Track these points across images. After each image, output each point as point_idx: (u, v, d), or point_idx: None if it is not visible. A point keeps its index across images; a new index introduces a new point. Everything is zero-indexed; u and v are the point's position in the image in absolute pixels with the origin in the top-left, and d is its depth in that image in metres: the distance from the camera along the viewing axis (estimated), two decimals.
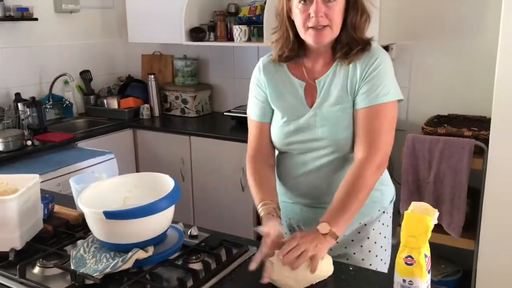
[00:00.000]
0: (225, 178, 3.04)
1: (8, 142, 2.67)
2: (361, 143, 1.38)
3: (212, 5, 3.38)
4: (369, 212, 1.50)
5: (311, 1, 1.32)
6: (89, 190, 1.34)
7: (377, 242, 1.54)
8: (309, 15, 1.33)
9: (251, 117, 1.57)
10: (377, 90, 1.36)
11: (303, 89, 1.46)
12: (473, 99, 2.76)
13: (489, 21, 2.65)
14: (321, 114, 1.43)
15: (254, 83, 1.56)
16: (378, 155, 1.35)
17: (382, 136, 1.36)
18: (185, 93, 3.53)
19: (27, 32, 3.27)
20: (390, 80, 1.39)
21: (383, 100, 1.36)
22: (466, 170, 2.34)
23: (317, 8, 1.31)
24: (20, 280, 1.25)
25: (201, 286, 1.21)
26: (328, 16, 1.33)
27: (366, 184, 1.34)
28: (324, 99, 1.43)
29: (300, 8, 1.35)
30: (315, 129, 1.44)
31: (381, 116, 1.36)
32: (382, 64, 1.38)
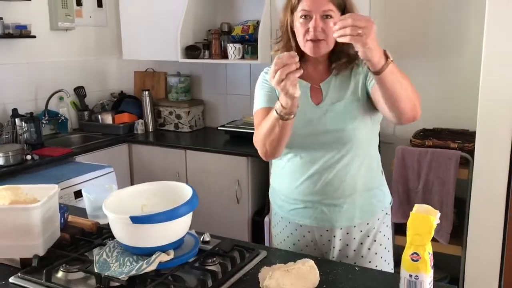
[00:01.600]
0: (221, 191, 3.12)
1: (9, 157, 2.71)
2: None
3: (206, 24, 3.50)
4: (375, 211, 1.61)
5: (311, 17, 1.46)
6: (111, 197, 1.41)
7: (382, 244, 1.63)
8: (308, 30, 1.47)
9: (258, 107, 1.61)
10: None
11: (309, 89, 1.58)
12: (457, 113, 2.92)
13: (471, 40, 2.82)
14: (330, 109, 1.54)
15: (261, 83, 1.65)
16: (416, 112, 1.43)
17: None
18: (179, 108, 3.62)
19: (24, 49, 3.34)
20: None
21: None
22: (453, 179, 2.48)
23: (316, 23, 1.45)
24: (46, 284, 1.31)
25: (220, 286, 1.29)
26: (324, 31, 1.45)
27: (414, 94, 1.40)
28: (331, 99, 1.55)
29: (301, 23, 1.48)
30: (324, 121, 1.53)
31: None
32: None
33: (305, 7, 1.46)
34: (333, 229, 1.60)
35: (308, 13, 1.46)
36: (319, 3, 1.44)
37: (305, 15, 1.46)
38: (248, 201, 3.09)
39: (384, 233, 1.64)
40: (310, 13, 1.45)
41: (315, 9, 1.45)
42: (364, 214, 1.59)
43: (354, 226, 1.59)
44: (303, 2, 1.47)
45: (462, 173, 2.53)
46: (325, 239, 1.62)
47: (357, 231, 1.60)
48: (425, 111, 2.92)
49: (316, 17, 1.45)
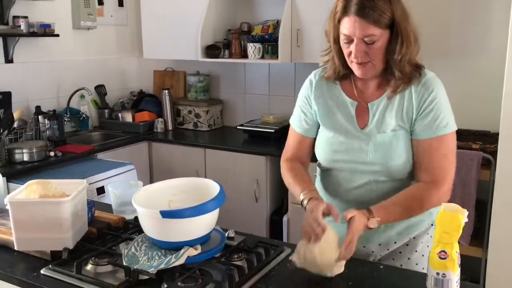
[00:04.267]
0: (240, 189, 3.14)
1: (33, 153, 2.77)
2: (426, 172, 1.40)
3: (226, 24, 3.52)
4: (419, 226, 1.52)
5: (352, 40, 1.35)
6: (140, 192, 1.44)
7: (424, 255, 1.52)
8: (351, 52, 1.37)
9: (293, 126, 1.61)
10: (437, 121, 1.39)
11: (355, 109, 1.48)
12: (478, 114, 2.90)
13: (493, 41, 2.81)
14: (375, 139, 1.44)
15: (303, 95, 1.59)
16: (445, 184, 1.40)
17: (447, 167, 1.41)
18: (198, 107, 3.65)
19: (48, 47, 3.40)
20: (448, 111, 1.42)
21: (444, 132, 1.40)
22: (475, 180, 2.47)
23: (356, 49, 1.35)
24: (77, 276, 1.34)
25: (247, 281, 1.31)
26: (368, 54, 1.35)
27: (429, 205, 1.40)
28: (378, 124, 1.44)
29: (343, 44, 1.39)
30: (367, 153, 1.45)
31: (444, 147, 1.41)
32: (438, 96, 1.40)
33: (345, 31, 1.35)
34: (370, 245, 1.54)
35: (348, 37, 1.35)
36: (358, 27, 1.32)
37: (347, 38, 1.36)
38: (266, 200, 3.10)
39: (428, 244, 1.53)
40: (350, 37, 1.35)
41: (354, 34, 1.33)
42: (406, 231, 1.52)
43: (395, 242, 1.53)
44: (343, 24, 1.35)
45: (484, 174, 2.51)
46: (361, 253, 1.55)
47: (397, 245, 1.53)
48: None
49: (357, 42, 1.34)
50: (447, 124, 1.41)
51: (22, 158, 2.75)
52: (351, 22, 1.33)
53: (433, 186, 1.40)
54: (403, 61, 1.37)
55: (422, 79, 1.42)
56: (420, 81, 1.42)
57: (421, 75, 1.43)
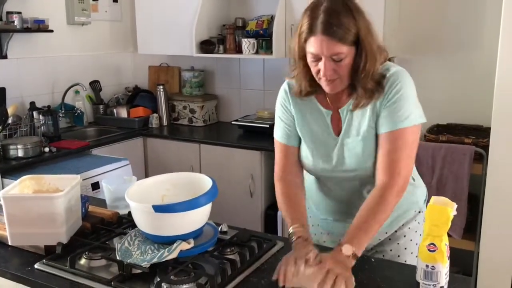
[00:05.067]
0: (234, 184, 3.15)
1: (27, 149, 2.77)
2: (382, 168, 1.40)
3: (220, 19, 3.52)
4: (406, 215, 1.57)
5: (320, 58, 1.35)
6: (133, 187, 1.45)
7: (412, 240, 1.59)
8: (319, 70, 1.37)
9: (276, 138, 1.60)
10: (397, 114, 1.39)
11: (330, 117, 1.49)
12: (470, 109, 2.92)
13: (486, 36, 2.82)
14: (347, 144, 1.47)
15: (280, 103, 1.59)
16: (399, 180, 1.38)
17: (402, 161, 1.39)
18: (193, 103, 3.66)
19: (42, 43, 3.39)
20: (412, 103, 1.41)
21: (403, 125, 1.38)
22: (467, 174, 2.49)
23: (325, 67, 1.35)
24: (70, 271, 1.35)
25: (239, 275, 1.32)
26: (336, 72, 1.36)
27: (387, 209, 1.37)
28: (348, 129, 1.47)
29: (311, 61, 1.38)
30: (343, 160, 1.48)
31: (401, 141, 1.39)
32: (402, 88, 1.40)
33: (312, 50, 1.34)
34: None
35: (316, 56, 1.35)
36: (325, 47, 1.31)
37: (314, 57, 1.36)
38: (261, 195, 3.12)
39: (416, 229, 1.59)
40: (318, 55, 1.34)
41: (322, 53, 1.33)
42: (395, 220, 1.57)
43: (385, 232, 1.58)
44: (310, 43, 1.34)
45: (476, 168, 2.54)
46: None
47: (387, 234, 1.59)
48: (439, 106, 3.00)
49: (325, 61, 1.34)
50: (408, 117, 1.39)
51: (17, 154, 2.75)
52: (318, 41, 1.32)
53: (388, 186, 1.38)
54: (367, 77, 1.37)
55: (387, 75, 1.41)
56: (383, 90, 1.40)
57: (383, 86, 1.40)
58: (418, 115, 1.42)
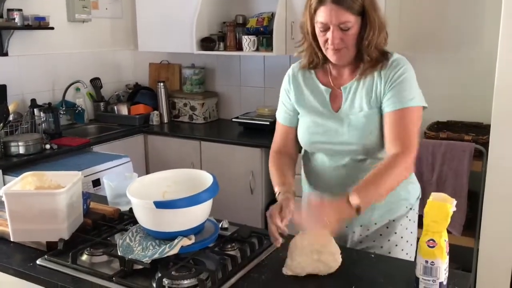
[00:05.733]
0: (235, 181, 3.16)
1: (29, 146, 2.78)
2: (394, 142, 1.45)
3: (221, 17, 3.53)
4: (397, 209, 1.60)
5: (328, 28, 1.44)
6: (134, 183, 1.46)
7: (403, 237, 1.61)
8: (327, 40, 1.46)
9: (278, 119, 1.72)
10: (403, 94, 1.46)
11: (329, 95, 1.57)
12: (470, 106, 2.93)
13: (486, 34, 2.82)
14: (348, 120, 1.52)
15: (283, 89, 1.69)
16: (410, 154, 1.43)
17: (412, 137, 1.45)
18: (194, 100, 3.66)
19: (42, 40, 3.39)
20: (415, 88, 1.49)
21: (409, 104, 1.45)
22: (467, 171, 2.50)
23: (333, 36, 1.44)
24: (72, 266, 1.36)
25: (240, 271, 1.33)
26: (343, 41, 1.44)
27: (399, 173, 1.42)
28: (350, 105, 1.53)
29: (319, 33, 1.48)
30: (342, 134, 1.53)
31: (409, 118, 1.45)
32: (406, 72, 1.48)
33: (322, 19, 1.43)
34: (352, 227, 1.62)
35: (325, 25, 1.44)
36: (334, 15, 1.41)
37: (323, 26, 1.45)
38: (261, 192, 3.12)
39: (407, 226, 1.62)
40: (326, 25, 1.43)
41: (331, 21, 1.42)
42: (385, 212, 1.60)
43: (375, 223, 1.60)
44: (319, 13, 1.44)
45: (476, 165, 2.54)
46: (344, 233, 1.64)
47: (377, 226, 1.61)
48: (439, 103, 3.00)
49: (333, 30, 1.43)
50: (414, 98, 1.47)
51: (18, 151, 2.76)
52: (327, 10, 1.41)
53: (401, 156, 1.43)
54: (371, 46, 1.46)
55: (390, 60, 1.50)
56: (387, 63, 1.50)
57: (388, 59, 1.50)
58: (421, 98, 1.50)
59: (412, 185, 1.66)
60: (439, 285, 1.19)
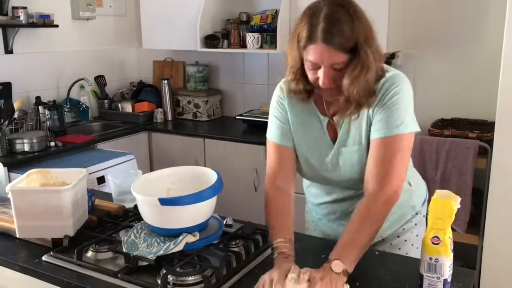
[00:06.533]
0: (239, 179, 3.17)
1: (33, 143, 2.79)
2: (372, 175, 1.34)
3: (225, 14, 3.53)
4: (402, 220, 1.56)
5: (319, 67, 1.30)
6: (139, 181, 1.46)
7: (407, 240, 1.57)
8: (318, 78, 1.32)
9: (270, 139, 1.51)
10: (391, 120, 1.33)
11: (326, 124, 1.45)
12: (475, 103, 2.92)
13: (490, 30, 2.81)
14: (343, 155, 1.43)
15: (276, 101, 1.52)
16: (388, 189, 1.32)
17: (394, 170, 1.33)
18: (197, 97, 3.67)
19: (47, 38, 3.40)
20: (407, 109, 1.35)
21: (397, 132, 1.33)
22: (471, 169, 2.49)
23: (324, 76, 1.30)
24: (77, 263, 1.37)
25: (244, 267, 1.34)
26: (335, 80, 1.31)
27: (377, 219, 1.31)
28: (345, 136, 1.42)
29: (309, 68, 1.33)
30: (339, 170, 1.45)
31: (394, 148, 1.33)
32: (400, 92, 1.34)
33: (311, 59, 1.28)
34: None
35: (315, 64, 1.30)
36: (326, 56, 1.26)
37: (313, 65, 1.31)
38: None
39: (412, 230, 1.58)
40: (317, 64, 1.29)
41: (322, 62, 1.28)
42: (390, 225, 1.55)
43: (383, 239, 1.57)
44: (309, 52, 1.28)
45: (480, 162, 2.54)
46: None
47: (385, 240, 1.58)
48: (443, 101, 3.00)
49: (325, 70, 1.29)
50: (403, 122, 1.33)
51: (23, 148, 2.78)
52: (318, 50, 1.26)
53: (378, 195, 1.32)
54: (354, 86, 1.29)
55: (382, 81, 1.36)
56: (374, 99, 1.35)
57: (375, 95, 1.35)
58: (413, 123, 1.37)
59: (417, 193, 1.61)
60: (443, 282, 1.19)
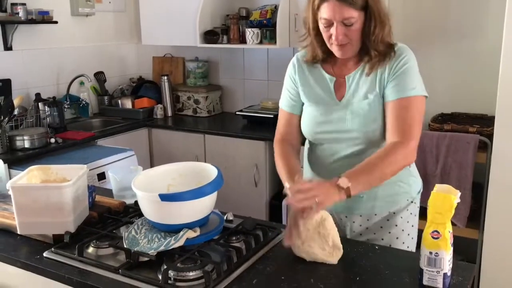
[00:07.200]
0: (239, 174, 3.17)
1: (34, 140, 2.79)
2: (394, 131, 1.46)
3: (224, 9, 3.52)
4: (398, 201, 1.61)
5: (332, 24, 1.45)
6: (140, 177, 1.46)
7: (404, 230, 1.63)
8: (331, 36, 1.47)
9: (281, 106, 1.72)
10: (405, 83, 1.47)
11: (333, 83, 1.58)
12: (475, 98, 2.92)
13: (490, 24, 2.81)
14: (351, 107, 1.54)
15: (288, 76, 1.70)
16: (411, 142, 1.44)
17: (414, 126, 1.46)
18: (197, 93, 3.67)
19: (46, 34, 3.40)
20: (416, 77, 1.50)
21: (412, 93, 1.47)
22: (471, 163, 2.50)
23: (337, 32, 1.45)
24: (78, 259, 1.37)
25: (245, 263, 1.34)
26: (347, 36, 1.46)
27: (395, 161, 1.41)
28: (353, 93, 1.55)
29: (323, 29, 1.49)
30: (345, 121, 1.55)
31: (412, 107, 1.46)
32: (409, 62, 1.50)
33: (325, 16, 1.44)
34: (352, 216, 1.64)
35: (328, 21, 1.45)
36: (338, 11, 1.42)
37: (326, 22, 1.46)
38: (266, 185, 3.13)
39: (408, 219, 1.63)
40: (330, 21, 1.44)
41: (334, 18, 1.43)
42: (386, 204, 1.61)
43: (375, 214, 1.62)
44: (323, 9, 1.44)
45: (480, 157, 2.54)
46: (344, 222, 1.66)
47: (378, 217, 1.62)
48: (443, 95, 2.99)
49: (337, 25, 1.44)
50: (416, 87, 1.48)
51: (23, 145, 2.78)
52: (330, 6, 1.42)
53: (400, 144, 1.43)
54: (377, 41, 1.47)
55: (395, 47, 1.51)
56: (394, 54, 1.51)
57: (394, 50, 1.51)
58: (423, 88, 1.51)
59: (414, 179, 1.66)
60: (443, 276, 1.20)
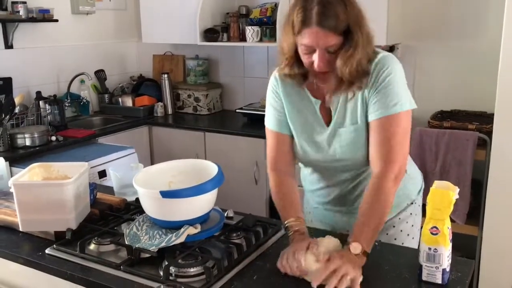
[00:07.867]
0: (239, 172, 3.18)
1: (34, 138, 2.81)
2: (376, 156, 1.39)
3: (224, 7, 3.53)
4: (397, 205, 1.57)
5: (314, 50, 1.33)
6: (141, 174, 1.47)
7: (403, 231, 1.60)
8: (312, 62, 1.35)
9: (268, 126, 1.56)
10: (387, 99, 1.37)
11: (319, 106, 1.48)
12: (474, 95, 2.93)
13: (489, 22, 2.81)
14: (339, 134, 1.45)
15: (271, 90, 1.55)
16: (394, 167, 1.36)
17: (396, 147, 1.37)
18: (198, 91, 3.68)
19: (47, 33, 3.41)
20: (401, 89, 1.39)
21: (394, 111, 1.36)
22: (470, 160, 2.51)
23: (320, 59, 1.33)
24: (80, 255, 1.38)
25: (245, 259, 1.35)
26: (330, 63, 1.34)
27: (387, 198, 1.36)
28: (339, 118, 1.45)
29: (304, 55, 1.36)
30: (333, 150, 1.47)
31: (394, 127, 1.37)
32: (392, 73, 1.38)
33: (307, 43, 1.31)
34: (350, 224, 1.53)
35: (310, 48, 1.33)
36: (320, 39, 1.29)
37: (307, 49, 1.34)
38: (266, 182, 3.14)
39: (407, 220, 1.61)
40: (312, 47, 1.32)
41: (317, 45, 1.31)
42: None
43: None
44: (304, 36, 1.31)
45: (480, 154, 2.55)
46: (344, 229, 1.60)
47: None
48: (443, 92, 3.00)
49: (320, 53, 1.32)
50: (400, 101, 1.37)
51: (24, 143, 2.79)
52: (313, 33, 1.29)
53: (383, 178, 1.36)
54: (346, 66, 1.33)
55: (373, 63, 1.39)
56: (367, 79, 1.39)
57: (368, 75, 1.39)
58: (408, 100, 1.40)
59: (412, 181, 1.63)
60: (442, 272, 1.21)
